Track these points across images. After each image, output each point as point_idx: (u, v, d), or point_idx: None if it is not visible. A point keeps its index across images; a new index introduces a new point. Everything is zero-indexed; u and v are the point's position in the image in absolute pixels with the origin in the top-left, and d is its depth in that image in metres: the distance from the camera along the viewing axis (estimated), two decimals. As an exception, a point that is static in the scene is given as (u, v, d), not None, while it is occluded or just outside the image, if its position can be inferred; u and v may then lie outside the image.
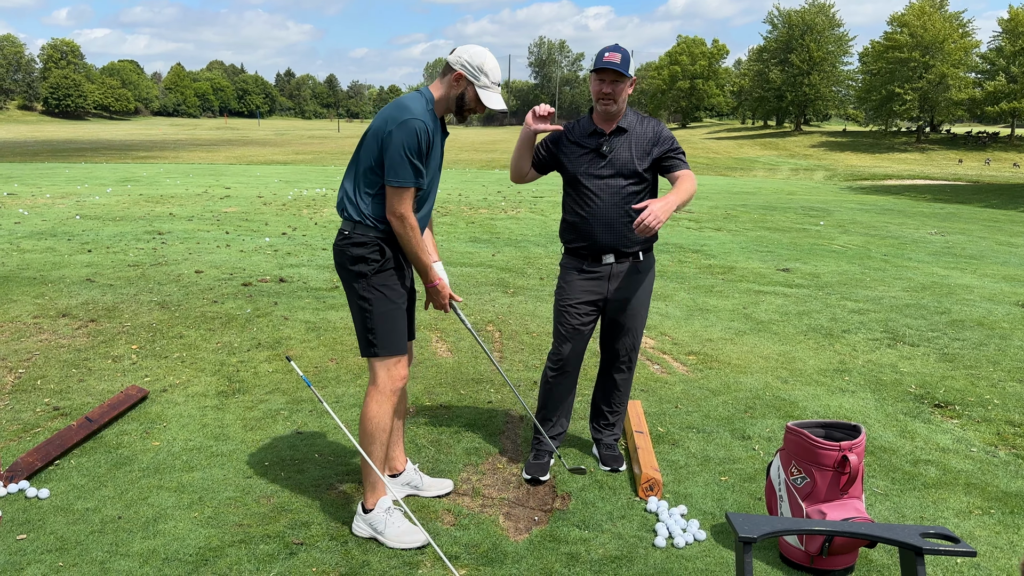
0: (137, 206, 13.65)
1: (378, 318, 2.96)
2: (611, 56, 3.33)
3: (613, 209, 3.44)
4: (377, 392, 2.99)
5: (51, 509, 3.15)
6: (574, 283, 3.54)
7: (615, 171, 3.45)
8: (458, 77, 2.94)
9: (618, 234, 3.45)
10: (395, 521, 2.99)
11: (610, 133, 3.46)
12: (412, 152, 2.82)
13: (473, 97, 2.96)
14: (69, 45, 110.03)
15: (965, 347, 5.86)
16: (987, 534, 3.15)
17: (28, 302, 6.47)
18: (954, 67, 48.94)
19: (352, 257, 2.94)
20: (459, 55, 2.95)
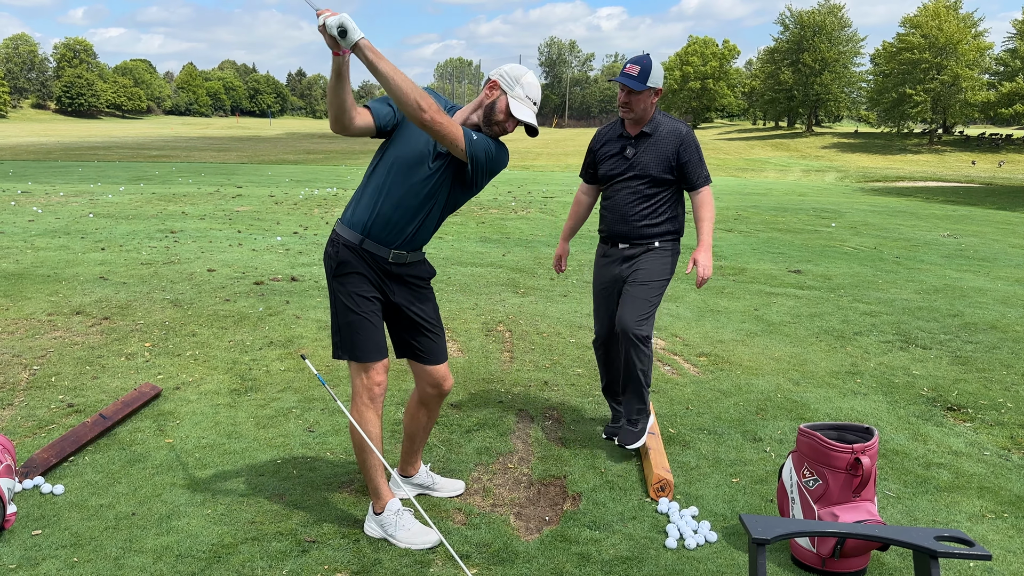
0: (150, 205, 13.73)
1: (340, 322, 2.90)
2: (630, 69, 3.57)
3: (629, 207, 3.72)
4: (353, 397, 2.94)
5: (66, 505, 3.17)
6: (599, 268, 3.92)
7: (634, 173, 3.70)
8: (493, 85, 2.85)
9: (631, 228, 3.74)
10: (405, 523, 2.98)
11: (635, 137, 3.71)
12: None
13: (504, 108, 2.83)
14: (82, 44, 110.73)
15: (978, 350, 5.83)
16: (1000, 538, 3.14)
17: (42, 299, 6.51)
18: (968, 68, 48.62)
19: (324, 254, 2.97)
20: (500, 68, 2.89)
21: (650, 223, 3.72)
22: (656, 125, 3.68)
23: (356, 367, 2.92)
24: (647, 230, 3.72)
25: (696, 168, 3.70)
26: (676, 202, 3.78)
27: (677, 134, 3.67)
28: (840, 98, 62.36)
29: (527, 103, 2.87)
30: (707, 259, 3.65)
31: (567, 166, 32.50)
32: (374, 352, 2.89)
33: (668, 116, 3.76)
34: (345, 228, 2.91)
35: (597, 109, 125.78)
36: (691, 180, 3.71)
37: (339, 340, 2.93)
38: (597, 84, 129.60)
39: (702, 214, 3.72)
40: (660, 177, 3.66)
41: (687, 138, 3.66)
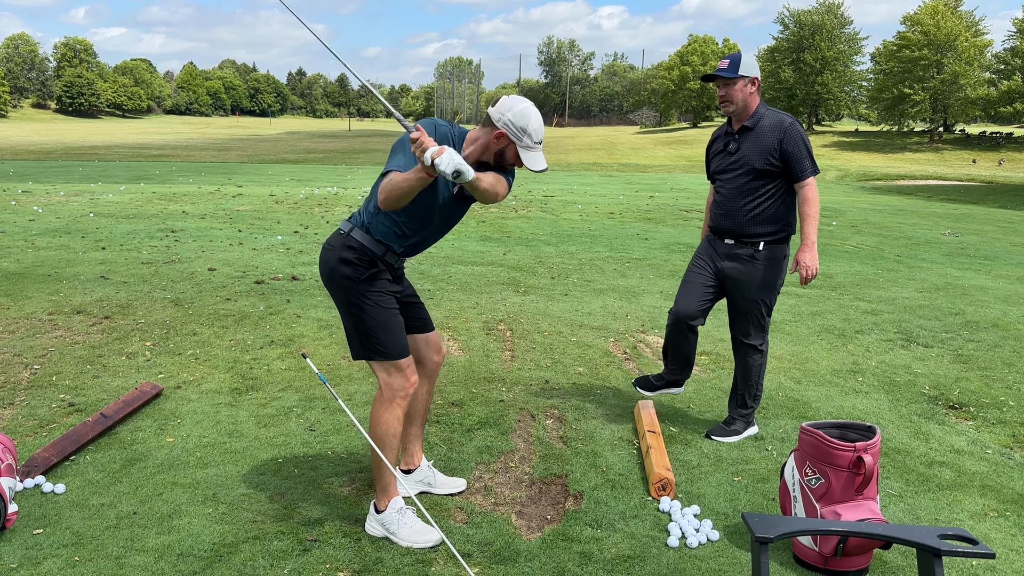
0: (150, 204, 13.73)
1: (371, 324, 2.93)
2: (721, 63, 3.74)
3: (734, 201, 3.81)
4: (380, 398, 2.99)
5: (67, 504, 3.17)
6: (703, 247, 4.03)
7: (737, 168, 3.80)
8: (500, 135, 2.83)
9: (736, 223, 3.81)
10: (407, 521, 2.99)
11: (737, 132, 3.82)
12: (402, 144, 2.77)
13: (514, 155, 2.87)
14: (82, 44, 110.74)
15: (980, 348, 5.82)
16: (1003, 536, 3.13)
17: (43, 299, 6.51)
18: (967, 65, 48.58)
19: (340, 259, 2.92)
20: (503, 113, 2.81)
21: (754, 218, 3.77)
22: (758, 119, 3.75)
23: (389, 365, 2.97)
24: (751, 227, 3.77)
25: (799, 160, 3.68)
26: (783, 198, 3.78)
27: (779, 125, 3.71)
28: (840, 97, 62.32)
29: (536, 148, 2.89)
30: (811, 258, 3.69)
31: (567, 165, 32.49)
32: (405, 349, 3.00)
33: (773, 109, 3.79)
34: (371, 240, 2.93)
35: (597, 108, 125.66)
36: (794, 172, 3.70)
37: (366, 341, 2.95)
38: (597, 83, 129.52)
39: (805, 210, 3.73)
40: (762, 169, 3.71)
41: (790, 129, 3.69)
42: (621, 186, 21.52)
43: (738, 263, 3.83)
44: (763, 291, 3.83)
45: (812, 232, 3.70)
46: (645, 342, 5.75)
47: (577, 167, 31.70)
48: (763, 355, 3.97)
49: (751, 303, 3.85)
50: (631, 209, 15.15)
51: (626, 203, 16.38)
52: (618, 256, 9.52)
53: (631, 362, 5.28)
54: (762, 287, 3.83)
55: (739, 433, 3.99)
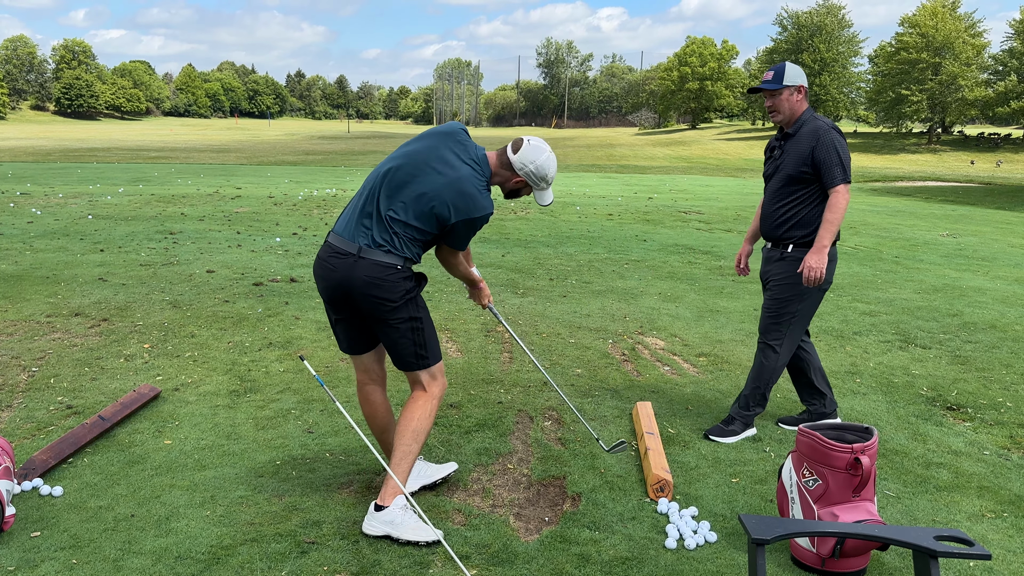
0: (149, 206, 13.73)
1: (428, 333, 3.12)
2: (765, 75, 3.86)
3: (769, 205, 3.99)
4: (430, 397, 3.14)
5: (64, 507, 3.17)
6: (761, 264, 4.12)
7: (777, 174, 3.94)
8: (520, 180, 3.14)
9: (768, 225, 3.98)
10: (411, 516, 3.02)
11: (782, 139, 3.94)
12: (473, 233, 3.12)
13: (528, 192, 3.23)
14: (81, 45, 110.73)
15: (977, 349, 5.83)
16: (1000, 537, 3.14)
17: (41, 301, 6.51)
18: (965, 66, 48.64)
19: (404, 290, 3.02)
20: (524, 164, 3.09)
21: (784, 222, 3.89)
22: (800, 125, 3.85)
23: (437, 369, 3.17)
24: (780, 231, 3.91)
25: (830, 167, 3.75)
26: (816, 204, 3.84)
27: (815, 132, 3.78)
28: (839, 99, 62.38)
29: (547, 188, 3.22)
30: (817, 260, 3.75)
31: (566, 167, 32.51)
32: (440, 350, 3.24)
33: (817, 116, 3.85)
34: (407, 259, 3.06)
35: (596, 110, 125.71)
36: (825, 179, 3.77)
37: (424, 351, 3.12)
38: (596, 84, 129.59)
39: (826, 215, 3.80)
40: (795, 175, 3.81)
41: (823, 136, 3.75)
42: (620, 187, 21.53)
43: (771, 265, 3.99)
44: (786, 291, 3.90)
45: (826, 236, 3.76)
46: (643, 343, 5.75)
47: (576, 168, 31.72)
48: (778, 357, 3.99)
49: (774, 302, 3.95)
50: (630, 210, 15.16)
51: (625, 204, 16.39)
52: (617, 257, 9.53)
53: (629, 363, 5.28)
54: (785, 287, 3.90)
55: (736, 434, 4.00)
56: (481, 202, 3.01)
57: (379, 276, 2.96)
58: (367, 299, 2.99)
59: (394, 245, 2.99)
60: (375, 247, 2.97)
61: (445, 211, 2.98)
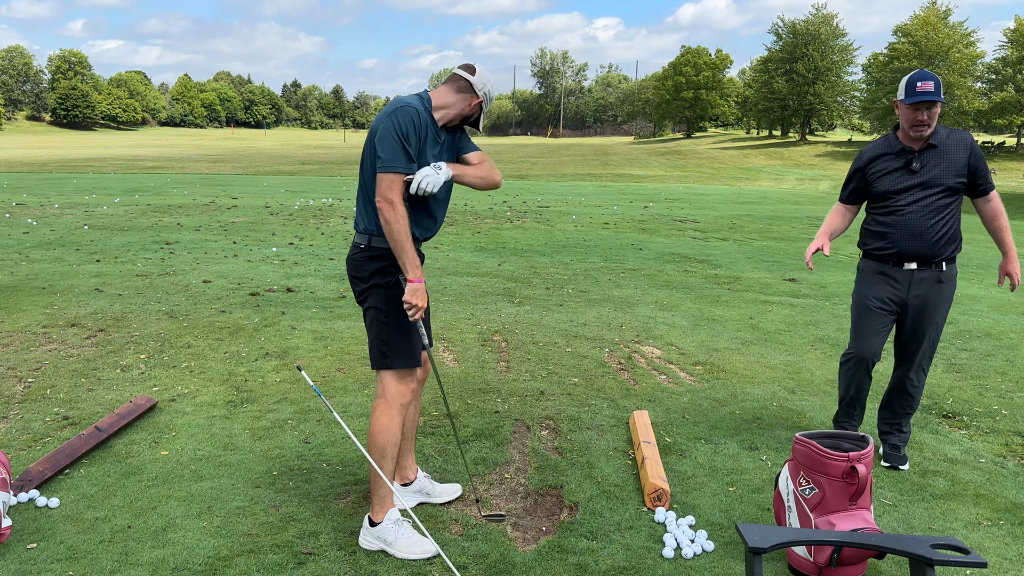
0: (145, 216, 13.72)
1: (394, 331, 2.97)
2: (924, 85, 3.53)
3: (922, 221, 3.65)
4: (387, 405, 3.00)
5: (61, 518, 3.16)
6: (876, 285, 3.81)
7: (925, 186, 3.65)
8: (480, 103, 3.04)
9: (925, 244, 3.67)
10: (404, 532, 2.99)
11: (919, 150, 3.67)
12: (404, 136, 2.82)
13: (477, 117, 3.09)
14: (77, 56, 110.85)
15: (973, 357, 5.84)
16: (996, 545, 3.14)
17: (37, 312, 6.50)
18: (960, 76, 48.90)
19: (371, 270, 2.96)
20: (484, 83, 3.03)
21: (942, 238, 3.67)
22: (939, 135, 3.67)
23: (397, 374, 3.00)
24: (939, 247, 3.67)
25: (985, 173, 3.69)
26: (958, 217, 3.75)
27: (965, 141, 3.68)
28: (833, 107, 62.65)
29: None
30: (1017, 268, 3.74)
31: (562, 175, 32.58)
32: (416, 356, 3.03)
33: (942, 126, 3.73)
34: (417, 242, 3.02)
35: (591, 119, 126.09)
36: (984, 185, 3.70)
37: (387, 349, 2.98)
38: (591, 94, 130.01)
39: (1001, 223, 3.73)
40: (953, 186, 3.64)
41: (974, 144, 3.69)
42: (615, 196, 21.58)
43: (923, 288, 3.72)
44: (944, 311, 3.78)
45: (1012, 241, 3.75)
46: (640, 352, 5.76)
47: (571, 178, 31.78)
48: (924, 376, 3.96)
49: (933, 327, 3.79)
50: (625, 219, 15.19)
51: (620, 213, 16.42)
52: (613, 266, 9.55)
53: (626, 372, 5.29)
54: (944, 307, 3.78)
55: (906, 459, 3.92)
56: (406, 99, 2.91)
57: (351, 255, 3.05)
58: (349, 280, 3.07)
59: (363, 220, 2.99)
60: (356, 228, 3.05)
61: (375, 122, 2.89)
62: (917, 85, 3.54)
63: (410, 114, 2.83)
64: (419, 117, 2.86)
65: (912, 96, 3.53)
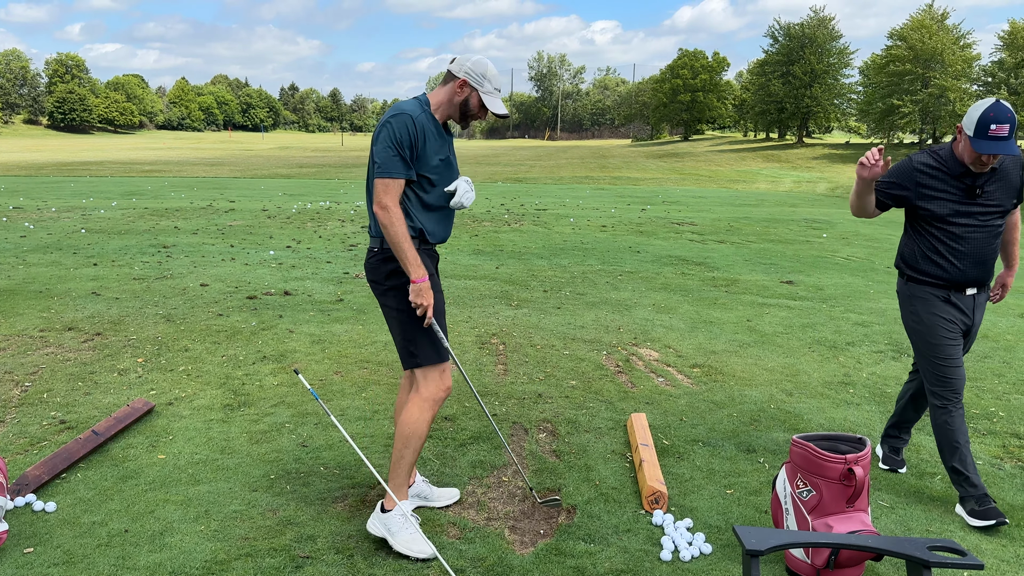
0: (142, 220, 13.71)
1: (417, 330, 3.02)
2: (998, 130, 3.16)
3: (985, 246, 3.43)
4: (420, 399, 3.07)
5: (58, 522, 3.16)
6: (946, 313, 3.48)
7: (988, 211, 3.41)
8: (462, 84, 3.03)
9: (986, 269, 3.48)
10: (408, 527, 3.04)
11: (981, 173, 3.37)
12: (399, 143, 2.87)
13: (477, 103, 3.05)
14: (74, 59, 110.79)
15: (969, 359, 5.85)
16: (993, 547, 3.15)
17: (34, 315, 6.49)
18: (955, 79, 49.03)
19: (386, 272, 3.00)
20: (461, 63, 3.04)
21: (995, 259, 3.52)
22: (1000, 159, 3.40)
23: (430, 370, 3.06)
24: (993, 269, 3.50)
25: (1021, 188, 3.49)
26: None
27: (1017, 161, 3.45)
28: (830, 110, 62.78)
29: (496, 95, 3.08)
30: (1012, 282, 3.73)
31: (559, 178, 32.60)
32: (443, 352, 3.09)
33: None
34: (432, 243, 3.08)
35: (589, 122, 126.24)
36: (1018, 202, 3.50)
37: (414, 348, 3.04)
38: (589, 97, 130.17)
39: (1015, 235, 3.64)
40: (1007, 207, 3.45)
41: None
42: (613, 199, 21.59)
43: (980, 310, 3.56)
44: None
45: (1019, 256, 3.70)
46: (638, 355, 5.76)
47: (569, 180, 31.81)
48: None
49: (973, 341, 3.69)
50: (623, 222, 15.20)
51: (618, 216, 16.43)
52: (610, 269, 9.55)
53: (623, 375, 5.29)
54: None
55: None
56: (404, 106, 2.94)
57: (367, 260, 3.09)
58: (369, 284, 3.12)
59: (373, 225, 3.05)
60: (370, 233, 3.08)
61: (376, 128, 2.95)
62: (991, 129, 3.16)
63: (404, 121, 2.88)
64: (413, 123, 2.89)
65: (983, 142, 3.19)
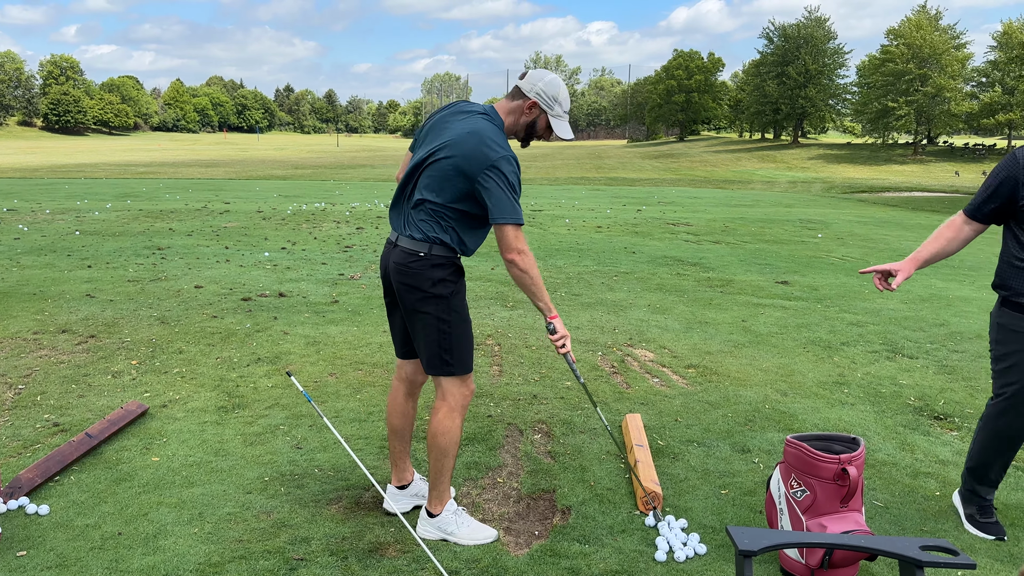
0: (136, 221, 13.68)
1: (456, 339, 2.99)
2: None
3: None
4: (449, 408, 3.04)
5: (51, 525, 3.15)
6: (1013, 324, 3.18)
7: None
8: (532, 105, 2.96)
9: None
10: (464, 521, 3.10)
11: None
12: (515, 189, 2.86)
13: (545, 126, 3.01)
14: (68, 61, 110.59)
15: (964, 359, 5.87)
16: (986, 547, 3.15)
17: (28, 318, 6.47)
18: (951, 79, 49.22)
19: (433, 280, 2.92)
20: (534, 83, 2.95)
21: None
22: None
23: (458, 379, 3.04)
24: None
25: None
26: None
27: None
28: (825, 110, 62.93)
29: (564, 118, 3.04)
30: None
31: (555, 179, 32.62)
32: (472, 360, 3.08)
33: None
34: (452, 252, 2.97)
35: (584, 122, 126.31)
36: None
37: (449, 357, 2.99)
38: (584, 97, 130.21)
39: None
40: None
41: None
42: (608, 200, 21.61)
43: None
44: None
45: None
46: (633, 355, 5.77)
47: (565, 181, 31.83)
48: None
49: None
50: (619, 223, 15.21)
51: (613, 217, 16.44)
52: (606, 270, 9.56)
53: (619, 375, 5.29)
54: None
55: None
56: (500, 142, 2.87)
57: (405, 263, 2.94)
58: (399, 287, 2.98)
59: (422, 229, 2.92)
60: (405, 234, 2.97)
61: (464, 164, 2.83)
62: None
63: (514, 165, 2.86)
64: (518, 163, 2.89)
65: None
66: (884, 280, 3.37)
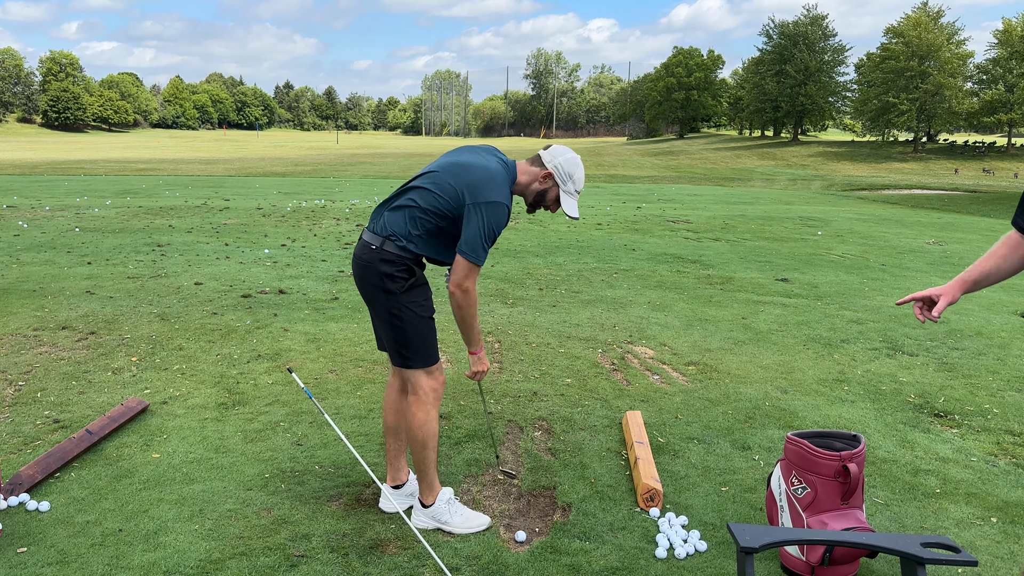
0: (136, 218, 13.67)
1: (410, 334, 3.03)
2: None
3: None
4: (419, 400, 3.09)
5: (51, 522, 3.15)
6: None
7: None
8: (547, 175, 3.08)
9: None
10: (457, 510, 3.14)
11: None
12: (492, 236, 2.94)
13: (554, 199, 3.12)
14: (68, 58, 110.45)
15: (964, 356, 5.87)
16: (987, 544, 3.15)
17: (28, 315, 6.47)
18: (951, 77, 49.18)
19: (380, 274, 2.97)
20: (555, 156, 3.09)
21: None
22: None
23: (423, 371, 3.08)
24: None
25: None
26: None
27: None
28: (824, 107, 62.87)
29: (574, 197, 3.15)
30: None
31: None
32: (435, 352, 3.12)
33: None
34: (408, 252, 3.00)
35: (584, 119, 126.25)
36: None
37: (405, 352, 3.05)
38: (584, 95, 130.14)
39: None
40: None
41: None
42: (608, 197, 21.60)
43: None
44: None
45: None
46: (633, 352, 5.77)
47: (565, 178, 31.76)
48: None
49: None
50: (618, 220, 15.21)
51: (613, 214, 16.44)
52: (606, 267, 9.55)
53: (619, 373, 5.29)
54: None
55: None
56: (504, 190, 2.97)
57: (360, 254, 3.05)
58: (356, 278, 3.08)
59: (387, 225, 2.99)
60: (369, 228, 3.06)
61: (466, 189, 2.93)
62: None
63: (503, 215, 2.94)
64: (508, 217, 2.98)
65: None
66: (927, 309, 2.80)
